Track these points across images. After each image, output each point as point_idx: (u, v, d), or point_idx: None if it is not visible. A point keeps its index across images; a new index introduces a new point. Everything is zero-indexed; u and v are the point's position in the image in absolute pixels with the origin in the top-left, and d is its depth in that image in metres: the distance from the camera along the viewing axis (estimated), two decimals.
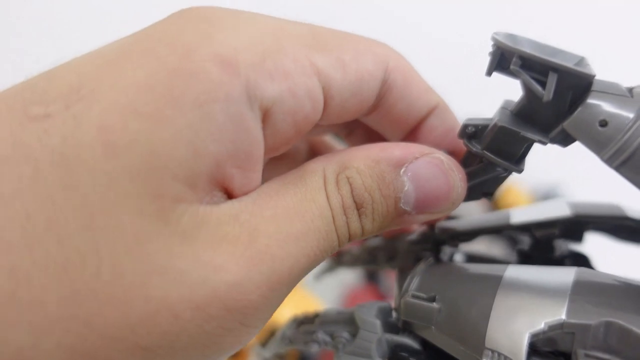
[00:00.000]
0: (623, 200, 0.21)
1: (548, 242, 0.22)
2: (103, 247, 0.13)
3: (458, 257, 0.24)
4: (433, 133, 0.20)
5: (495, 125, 0.17)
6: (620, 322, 0.14)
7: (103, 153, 0.13)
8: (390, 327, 0.20)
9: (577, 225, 0.21)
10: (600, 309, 0.15)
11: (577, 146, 0.17)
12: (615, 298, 0.16)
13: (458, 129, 0.20)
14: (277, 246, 0.15)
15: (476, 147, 0.18)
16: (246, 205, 0.15)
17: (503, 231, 0.22)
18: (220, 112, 0.14)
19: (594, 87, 0.16)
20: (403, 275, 0.21)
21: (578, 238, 0.22)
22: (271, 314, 0.16)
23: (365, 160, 0.17)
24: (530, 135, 0.17)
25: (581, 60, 0.16)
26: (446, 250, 0.23)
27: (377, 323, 0.20)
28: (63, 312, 0.13)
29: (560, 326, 0.15)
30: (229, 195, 0.15)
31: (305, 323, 0.23)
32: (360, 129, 0.22)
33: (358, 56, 0.17)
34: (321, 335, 0.21)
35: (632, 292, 0.16)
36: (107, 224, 0.13)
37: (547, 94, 0.16)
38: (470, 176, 0.19)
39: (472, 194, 0.20)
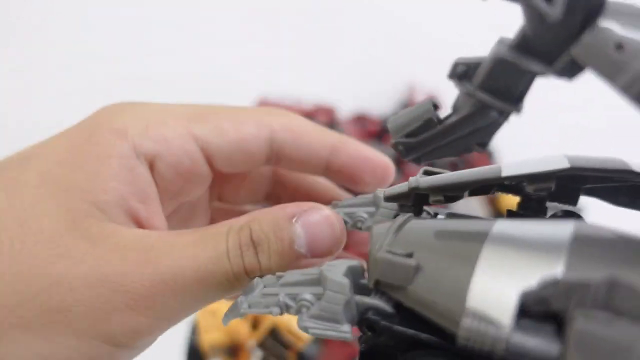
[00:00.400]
0: None
1: (540, 202, 0.20)
2: (25, 239, 0.19)
3: (440, 217, 0.21)
4: (345, 167, 0.25)
5: (491, 57, 0.15)
6: (627, 279, 0.12)
7: (37, 184, 0.20)
8: (361, 289, 0.18)
9: (573, 182, 0.19)
10: (602, 265, 0.13)
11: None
12: (618, 253, 0.14)
13: (371, 156, 0.24)
14: (166, 258, 0.20)
15: (468, 88, 0.16)
16: (152, 234, 0.21)
17: (493, 186, 0.19)
18: (115, 163, 0.21)
19: (607, 7, 0.14)
20: (377, 232, 0.18)
21: (573, 201, 0.20)
22: (165, 311, 0.20)
23: (265, 214, 0.21)
24: (532, 66, 0.14)
25: None
26: (428, 210, 0.21)
27: (346, 283, 0.17)
28: None
29: (555, 284, 0.13)
30: (142, 227, 0.22)
31: (267, 286, 0.20)
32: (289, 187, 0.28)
33: (238, 123, 0.23)
34: (282, 299, 0.19)
35: (636, 246, 0.14)
36: (32, 226, 0.19)
37: (555, 11, 0.13)
38: (461, 124, 0.17)
39: (464, 146, 0.17)
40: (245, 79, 0.87)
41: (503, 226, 0.16)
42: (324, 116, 0.77)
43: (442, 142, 0.17)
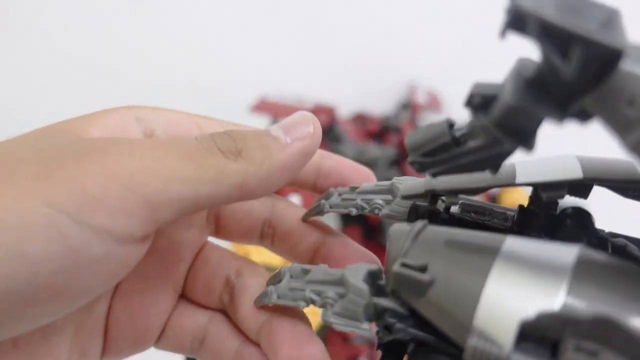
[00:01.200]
0: None
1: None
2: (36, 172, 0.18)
3: (455, 209, 0.23)
4: (332, 170, 0.27)
5: (504, 103, 0.16)
6: (615, 318, 0.14)
7: (33, 155, 0.19)
8: (379, 289, 0.20)
9: (585, 183, 0.20)
10: (597, 300, 0.15)
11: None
12: (616, 287, 0.15)
13: (351, 162, 0.27)
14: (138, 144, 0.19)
15: (483, 121, 0.17)
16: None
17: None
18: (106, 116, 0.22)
19: (626, 56, 0.14)
20: (396, 233, 0.20)
21: (584, 195, 0.21)
22: (121, 170, 0.18)
23: None
24: (544, 112, 0.15)
25: (610, 19, 0.14)
26: (442, 199, 0.23)
27: (365, 289, 0.19)
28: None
29: (551, 316, 0.15)
30: None
31: (294, 276, 0.22)
32: None
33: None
34: (308, 294, 0.21)
35: (636, 279, 0.15)
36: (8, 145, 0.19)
37: (568, 70, 0.14)
38: (475, 151, 0.17)
39: (477, 168, 0.18)
40: (245, 78, 0.85)
41: (512, 245, 0.17)
42: (324, 116, 0.74)
43: (456, 164, 0.18)
